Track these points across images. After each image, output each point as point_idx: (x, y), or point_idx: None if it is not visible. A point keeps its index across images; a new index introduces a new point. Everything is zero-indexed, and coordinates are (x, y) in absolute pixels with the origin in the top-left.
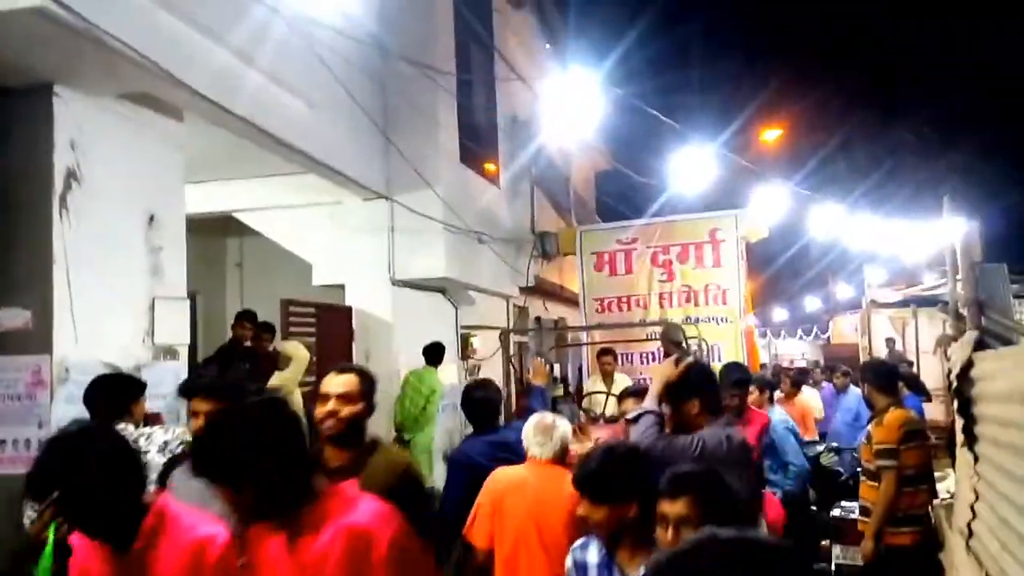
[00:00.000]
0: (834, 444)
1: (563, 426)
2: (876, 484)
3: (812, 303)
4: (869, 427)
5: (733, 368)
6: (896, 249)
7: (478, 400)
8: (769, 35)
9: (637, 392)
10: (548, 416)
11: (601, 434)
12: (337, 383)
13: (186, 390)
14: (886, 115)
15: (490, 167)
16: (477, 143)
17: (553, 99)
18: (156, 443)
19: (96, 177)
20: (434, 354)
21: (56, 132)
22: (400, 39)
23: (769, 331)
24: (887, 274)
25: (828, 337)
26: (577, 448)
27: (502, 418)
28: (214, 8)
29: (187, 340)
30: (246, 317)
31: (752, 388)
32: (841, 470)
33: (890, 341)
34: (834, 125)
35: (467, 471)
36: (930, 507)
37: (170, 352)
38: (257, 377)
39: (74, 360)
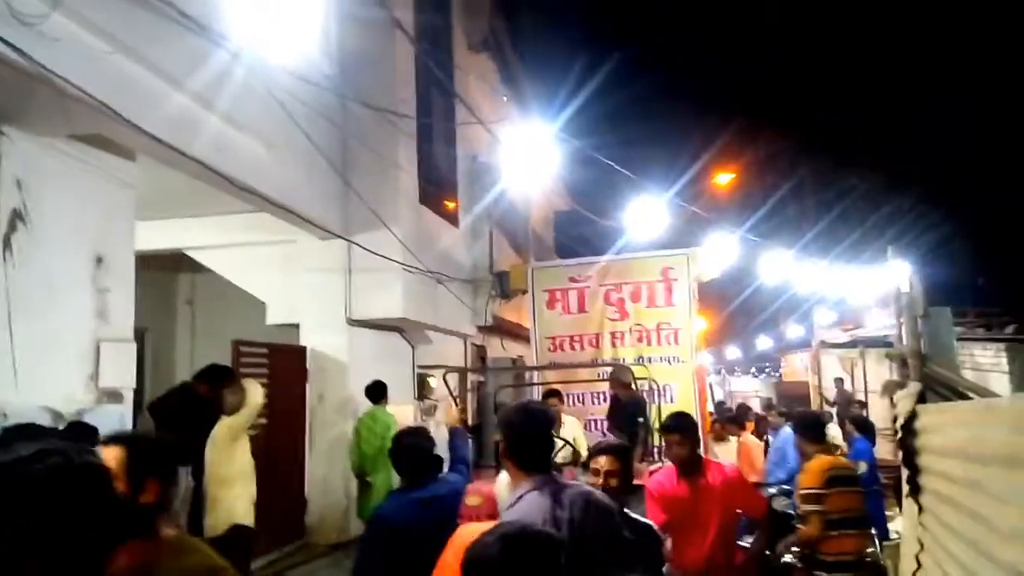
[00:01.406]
0: (786, 487)
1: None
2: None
3: (764, 342)
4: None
5: (671, 416)
6: (844, 292)
7: (406, 448)
8: (722, 87)
9: (612, 450)
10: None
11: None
12: None
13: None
14: (834, 162)
15: (449, 208)
16: (436, 184)
17: (512, 145)
18: None
19: (43, 218)
20: (377, 392)
21: (2, 172)
22: (360, 82)
23: (724, 369)
24: (836, 315)
25: (780, 375)
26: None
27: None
28: (172, 53)
29: (133, 383)
30: (208, 377)
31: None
32: (792, 512)
33: (838, 380)
34: (785, 171)
35: (385, 537)
36: (870, 551)
37: (114, 395)
38: (205, 422)
39: (13, 406)
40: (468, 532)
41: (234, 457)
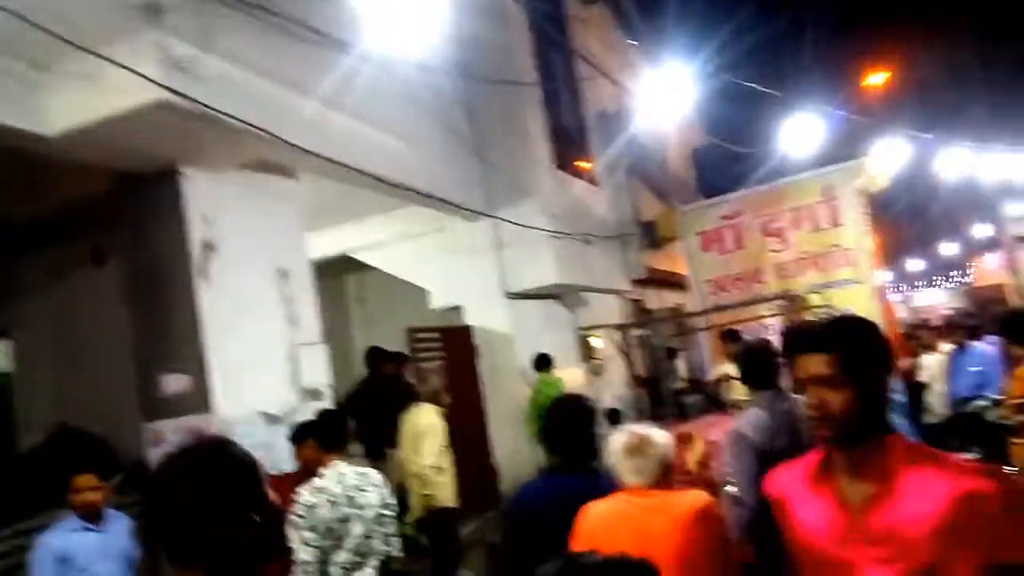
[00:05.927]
0: (991, 396)
1: (660, 439)
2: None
3: (948, 248)
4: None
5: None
6: None
7: (563, 421)
8: None
9: None
10: (637, 429)
11: (713, 434)
12: None
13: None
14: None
15: (585, 166)
16: (569, 146)
17: (642, 89)
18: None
19: (229, 244)
20: (542, 363)
21: (188, 209)
22: (481, 59)
23: (903, 285)
24: None
25: (970, 281)
26: (692, 456)
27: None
28: (309, 68)
29: (328, 381)
30: (380, 356)
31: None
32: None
33: None
34: (954, 60)
35: (520, 526)
36: None
37: (315, 394)
38: (395, 410)
39: (234, 414)
40: (593, 513)
41: (438, 444)
